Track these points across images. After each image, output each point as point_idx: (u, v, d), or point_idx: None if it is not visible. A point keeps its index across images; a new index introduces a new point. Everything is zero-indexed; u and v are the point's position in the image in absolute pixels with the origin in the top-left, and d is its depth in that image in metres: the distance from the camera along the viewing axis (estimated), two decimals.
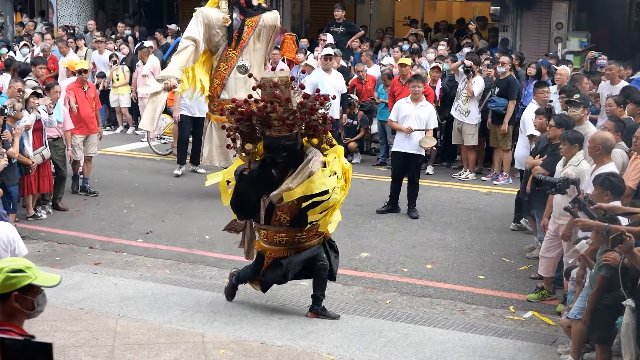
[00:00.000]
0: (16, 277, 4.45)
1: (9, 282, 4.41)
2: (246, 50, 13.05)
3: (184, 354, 7.95)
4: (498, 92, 14.88)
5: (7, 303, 4.43)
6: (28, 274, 4.50)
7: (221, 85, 13.15)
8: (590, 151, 8.75)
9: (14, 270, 4.45)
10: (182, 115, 15.14)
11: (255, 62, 13.13)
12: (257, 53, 13.17)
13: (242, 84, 12.90)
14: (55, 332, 8.38)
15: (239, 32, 12.90)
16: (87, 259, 10.97)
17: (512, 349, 8.24)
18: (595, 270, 7.30)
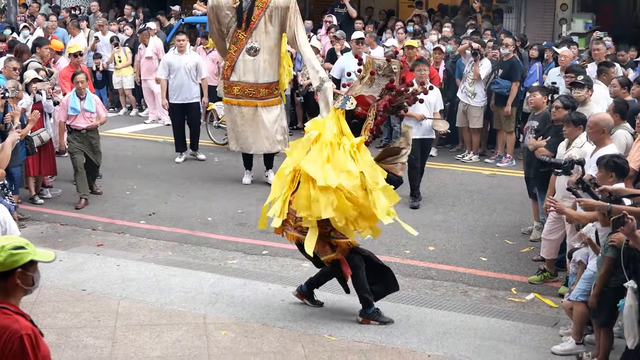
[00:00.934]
0: (19, 253, 4.45)
1: (12, 259, 4.42)
2: (256, 32, 12.89)
3: (185, 335, 7.97)
4: (501, 74, 14.84)
5: (10, 280, 4.43)
6: (29, 251, 4.51)
7: (231, 68, 13.08)
8: (590, 135, 8.70)
9: (15, 247, 4.46)
10: (171, 103, 14.97)
11: (267, 44, 12.95)
12: (268, 35, 12.97)
13: (251, 65, 12.86)
14: (57, 313, 8.41)
15: (248, 13, 12.78)
16: (90, 240, 10.99)
17: (513, 330, 8.25)
18: (602, 252, 7.30)
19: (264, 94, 12.98)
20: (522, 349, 7.86)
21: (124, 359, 7.50)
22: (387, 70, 8.20)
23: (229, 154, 15.15)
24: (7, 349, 4.18)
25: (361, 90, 8.24)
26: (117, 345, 7.74)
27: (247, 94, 12.91)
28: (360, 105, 8.11)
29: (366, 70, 8.29)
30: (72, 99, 12.09)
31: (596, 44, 14.19)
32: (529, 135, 10.55)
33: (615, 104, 9.72)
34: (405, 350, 7.74)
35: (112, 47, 18.95)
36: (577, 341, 7.76)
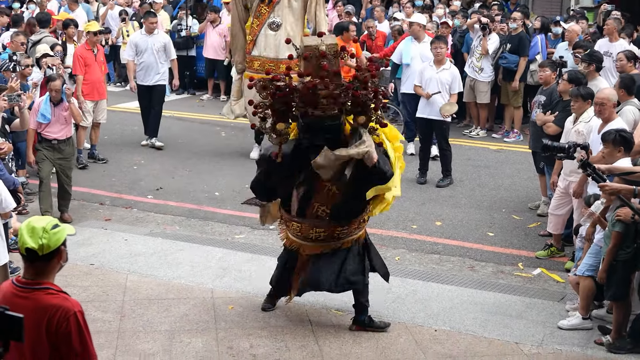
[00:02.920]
0: (59, 231, 4.40)
1: (57, 238, 4.37)
2: (278, 7, 12.79)
3: (193, 309, 8.01)
4: (510, 49, 14.79)
5: (53, 260, 4.39)
6: (62, 226, 4.47)
7: (252, 42, 12.99)
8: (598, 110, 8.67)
9: (53, 225, 4.39)
10: (138, 85, 14.26)
11: (289, 19, 12.83)
12: (291, 10, 12.86)
13: (272, 40, 12.77)
14: (66, 288, 8.32)
15: None
16: (98, 215, 11.01)
17: (520, 305, 8.27)
18: (609, 227, 7.31)
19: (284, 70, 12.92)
20: (529, 323, 7.89)
21: (132, 332, 7.54)
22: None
23: (235, 129, 15.15)
24: (61, 327, 4.20)
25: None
26: (125, 319, 7.79)
27: (267, 69, 12.85)
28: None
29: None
30: (43, 105, 10.44)
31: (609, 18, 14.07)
32: (537, 110, 10.52)
33: (621, 79, 9.69)
34: (411, 325, 7.78)
35: (120, 22, 18.89)
36: (583, 316, 7.79)
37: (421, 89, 12.29)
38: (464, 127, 15.71)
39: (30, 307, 4.16)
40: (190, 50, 18.61)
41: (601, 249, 7.53)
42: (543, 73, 10.82)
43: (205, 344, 7.35)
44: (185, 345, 7.31)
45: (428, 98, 12.11)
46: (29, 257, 4.31)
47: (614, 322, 7.50)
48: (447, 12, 17.47)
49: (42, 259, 4.31)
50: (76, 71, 12.84)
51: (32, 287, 4.32)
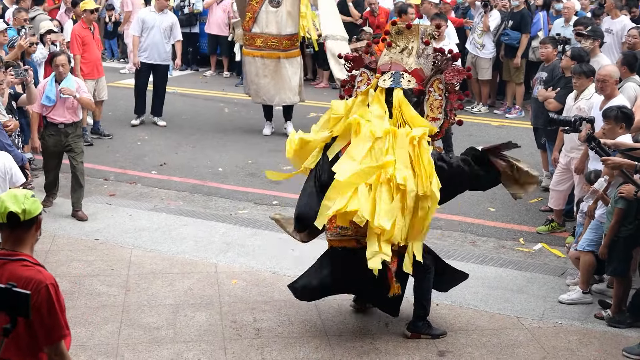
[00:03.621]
0: (36, 201, 4.44)
1: (36, 206, 4.40)
2: None
3: (197, 283, 8.03)
4: (512, 26, 14.75)
5: (32, 229, 4.41)
6: (38, 201, 4.49)
7: (253, 19, 12.94)
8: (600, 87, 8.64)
9: (32, 195, 4.44)
10: (142, 62, 13.97)
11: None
12: None
13: (274, 17, 12.74)
14: (71, 262, 8.47)
15: None
16: (102, 190, 11.03)
17: (521, 280, 8.29)
18: (611, 204, 7.32)
19: (286, 46, 12.90)
20: (530, 298, 7.91)
21: (137, 306, 7.57)
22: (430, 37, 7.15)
23: (238, 105, 15.12)
24: (33, 300, 4.20)
25: (414, 63, 7.00)
26: (130, 293, 7.81)
27: (269, 45, 12.80)
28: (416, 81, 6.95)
29: (407, 38, 7.08)
30: (48, 86, 9.77)
31: None
32: (538, 86, 10.50)
33: (624, 56, 9.65)
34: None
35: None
36: (583, 290, 7.81)
37: None
38: (465, 103, 15.64)
39: (3, 279, 4.13)
40: (193, 27, 18.55)
41: (602, 225, 7.54)
42: (545, 50, 10.79)
43: (209, 318, 7.37)
44: (189, 319, 7.34)
45: None
46: (10, 223, 4.31)
47: (614, 297, 7.52)
48: None
49: (23, 226, 4.33)
50: (74, 51, 12.64)
51: (8, 257, 4.33)
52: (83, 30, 12.92)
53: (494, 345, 7.02)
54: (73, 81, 9.85)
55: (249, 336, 7.08)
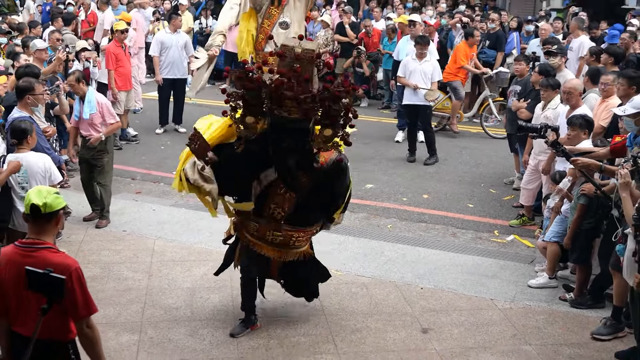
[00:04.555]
0: (60, 197, 4.48)
1: (58, 201, 4.44)
2: (287, 8, 12.64)
3: (211, 269, 7.97)
4: (488, 45, 14.76)
5: (53, 220, 4.43)
6: (61, 196, 4.54)
7: (265, 40, 12.91)
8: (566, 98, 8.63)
9: (56, 192, 4.50)
10: (163, 78, 13.86)
11: (295, 18, 12.72)
12: (297, 11, 12.74)
13: (283, 38, 12.67)
14: (102, 251, 8.47)
15: None
16: (129, 188, 11.01)
17: (495, 267, 8.27)
18: (575, 200, 7.33)
19: None
20: (502, 282, 7.89)
21: (158, 289, 7.56)
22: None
23: None
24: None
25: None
26: (153, 278, 7.80)
27: None
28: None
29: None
30: (75, 104, 9.50)
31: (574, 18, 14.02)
32: (512, 98, 10.48)
33: (589, 69, 9.65)
34: (401, 284, 7.78)
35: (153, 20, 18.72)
36: (550, 276, 7.81)
37: (405, 79, 12.23)
38: None
39: (35, 265, 4.13)
40: None
41: (567, 219, 7.54)
42: (518, 66, 10.79)
43: (222, 300, 7.37)
44: (204, 301, 7.33)
45: (416, 89, 12.03)
46: (32, 214, 4.34)
47: (577, 282, 7.52)
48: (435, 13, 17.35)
49: (44, 217, 4.35)
50: (108, 66, 12.65)
51: (36, 246, 4.34)
52: (116, 48, 12.87)
53: (471, 324, 7.01)
54: (93, 99, 9.23)
55: None
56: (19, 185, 7.03)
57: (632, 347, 6.44)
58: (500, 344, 6.67)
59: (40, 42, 10.91)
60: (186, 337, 6.65)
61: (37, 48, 10.56)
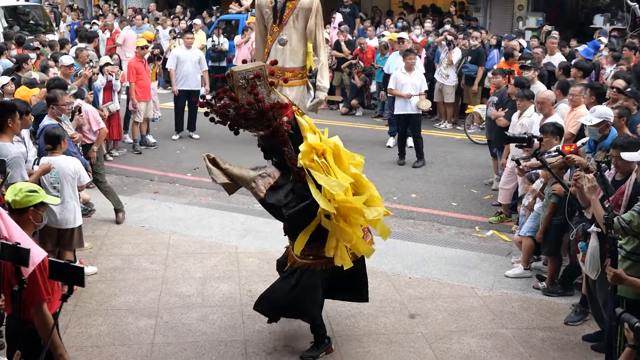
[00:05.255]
0: (32, 195, 4.52)
1: (27, 199, 4.50)
2: (286, 27, 12.74)
3: (221, 261, 8.03)
4: (470, 60, 14.76)
5: (24, 216, 4.48)
6: (40, 194, 4.58)
7: (267, 54, 12.96)
8: (540, 107, 8.65)
9: (30, 190, 4.53)
10: (179, 89, 13.81)
11: (294, 36, 12.80)
12: (296, 30, 12.82)
13: (280, 53, 12.76)
14: (123, 244, 8.47)
15: (281, 12, 12.64)
16: (148, 188, 11.00)
17: (476, 259, 8.27)
18: (546, 199, 7.32)
19: (288, 77, 12.82)
20: (482, 273, 7.89)
21: (173, 279, 7.57)
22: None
23: None
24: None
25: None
26: (169, 269, 7.81)
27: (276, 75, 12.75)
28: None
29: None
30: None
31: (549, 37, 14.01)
32: (491, 107, 10.47)
33: (558, 82, 9.65)
34: (391, 274, 7.78)
35: (170, 39, 18.72)
36: (524, 267, 7.81)
37: (397, 91, 12.21)
38: (434, 121, 15.62)
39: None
40: (222, 62, 18.49)
41: (539, 216, 7.53)
42: (495, 79, 10.78)
43: (230, 288, 7.37)
44: (214, 289, 7.34)
45: (409, 98, 12.02)
46: (9, 209, 4.41)
47: (548, 272, 7.52)
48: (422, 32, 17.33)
49: (15, 213, 4.38)
50: (130, 79, 12.69)
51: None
52: (137, 63, 12.89)
53: (454, 310, 7.01)
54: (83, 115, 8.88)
55: None
56: (51, 185, 7.02)
57: (597, 331, 6.45)
58: (480, 328, 6.67)
59: (67, 59, 10.89)
60: (198, 322, 6.65)
61: (63, 64, 10.57)
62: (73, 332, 6.35)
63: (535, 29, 19.13)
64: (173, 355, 6.08)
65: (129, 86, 12.75)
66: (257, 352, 6.15)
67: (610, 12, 20.56)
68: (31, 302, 4.23)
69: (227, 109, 5.79)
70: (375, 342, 6.36)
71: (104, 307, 6.90)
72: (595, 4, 22.98)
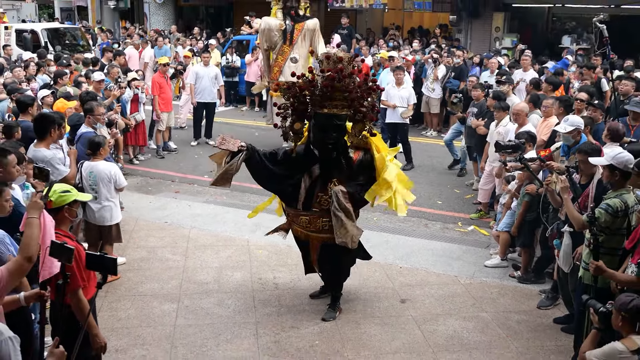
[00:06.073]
0: (65, 195, 4.53)
1: (62, 199, 4.51)
2: (296, 46, 12.79)
3: (235, 252, 8.03)
4: (454, 76, 14.75)
5: (60, 214, 4.48)
6: (72, 193, 4.57)
7: (279, 72, 12.95)
8: (515, 117, 8.67)
9: (63, 190, 4.53)
10: (197, 102, 13.72)
11: (302, 54, 12.91)
12: (303, 49, 12.91)
13: (294, 69, 12.81)
14: (148, 238, 8.47)
15: (291, 34, 12.68)
16: (170, 188, 10.99)
17: (458, 251, 8.27)
18: (520, 198, 7.33)
19: None
20: (464, 263, 7.90)
21: (193, 268, 7.57)
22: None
23: (265, 130, 15.08)
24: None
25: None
26: (189, 259, 7.81)
27: None
28: None
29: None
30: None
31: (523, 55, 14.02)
32: (471, 117, 10.47)
33: (530, 96, 9.66)
34: (384, 263, 7.79)
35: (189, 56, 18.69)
36: (501, 258, 7.81)
37: (386, 102, 12.23)
38: (421, 130, 15.61)
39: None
40: (234, 77, 18.51)
41: (515, 212, 7.53)
42: (475, 92, 10.76)
43: (243, 276, 7.37)
44: (229, 277, 7.34)
45: (394, 108, 12.04)
46: (48, 208, 4.37)
47: (523, 262, 7.53)
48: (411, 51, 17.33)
49: (51, 212, 4.37)
50: (154, 92, 12.74)
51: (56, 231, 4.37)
52: (160, 78, 12.92)
53: (439, 296, 7.02)
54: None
55: (270, 288, 7.08)
56: (90, 187, 7.03)
57: (566, 314, 6.46)
58: (462, 311, 6.68)
59: (98, 75, 10.92)
60: (214, 306, 6.66)
61: (95, 79, 10.58)
62: (105, 315, 6.37)
63: (510, 48, 19.15)
64: (193, 336, 6.09)
65: (153, 99, 12.76)
66: (267, 333, 6.16)
67: (576, 34, 20.60)
68: (69, 289, 4.24)
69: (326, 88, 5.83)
70: (371, 324, 6.37)
71: (132, 293, 6.91)
72: (563, 27, 23.02)
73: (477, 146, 10.19)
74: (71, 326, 4.27)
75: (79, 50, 18.82)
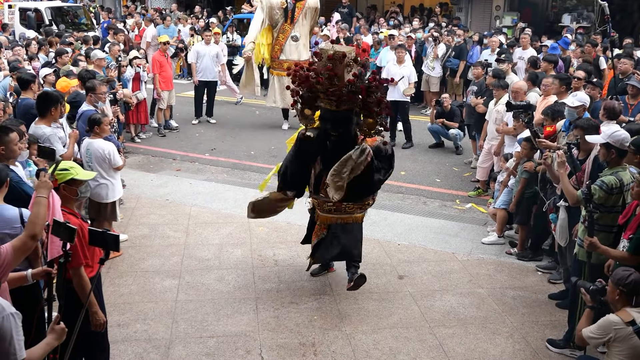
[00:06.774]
0: (62, 173, 4.46)
1: (60, 177, 4.45)
2: (297, 25, 12.74)
3: (235, 229, 8.05)
4: (453, 55, 14.65)
5: (59, 192, 4.45)
6: (71, 172, 4.49)
7: (280, 50, 12.88)
8: (514, 95, 8.63)
9: (61, 169, 4.47)
10: (199, 80, 13.66)
11: (303, 33, 12.86)
12: (304, 27, 12.89)
13: (295, 49, 12.76)
14: (150, 215, 8.49)
15: (292, 12, 12.61)
16: (171, 166, 10.99)
17: (456, 228, 8.29)
18: (518, 175, 7.33)
19: None
20: (462, 240, 7.92)
21: (194, 245, 7.60)
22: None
23: (265, 109, 15.06)
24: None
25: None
26: (189, 236, 7.84)
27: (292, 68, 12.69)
28: None
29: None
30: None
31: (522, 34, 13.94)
32: (470, 95, 10.45)
33: (529, 74, 9.60)
34: (383, 241, 7.81)
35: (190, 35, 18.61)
36: (498, 235, 7.83)
37: None
38: (421, 108, 15.57)
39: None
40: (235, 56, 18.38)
41: (512, 190, 7.54)
42: (475, 71, 10.74)
43: (243, 253, 7.40)
44: (229, 254, 7.37)
45: (394, 85, 11.94)
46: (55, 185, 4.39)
47: (519, 239, 7.54)
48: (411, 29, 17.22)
49: (56, 189, 4.36)
50: (154, 70, 12.67)
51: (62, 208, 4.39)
52: (160, 57, 12.84)
53: (437, 272, 7.05)
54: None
55: (270, 265, 7.11)
56: (87, 163, 7.04)
57: (562, 290, 6.50)
58: (459, 288, 6.71)
59: (100, 53, 10.85)
60: (215, 282, 6.70)
61: (97, 57, 10.53)
62: (107, 290, 6.41)
63: (510, 26, 19.01)
64: (194, 311, 6.14)
65: (153, 77, 12.71)
66: (266, 308, 6.21)
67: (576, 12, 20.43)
68: (70, 265, 4.26)
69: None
70: (369, 300, 6.42)
71: (134, 270, 6.95)
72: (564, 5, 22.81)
73: (476, 124, 10.17)
74: (71, 302, 4.30)
75: (82, 28, 18.73)
